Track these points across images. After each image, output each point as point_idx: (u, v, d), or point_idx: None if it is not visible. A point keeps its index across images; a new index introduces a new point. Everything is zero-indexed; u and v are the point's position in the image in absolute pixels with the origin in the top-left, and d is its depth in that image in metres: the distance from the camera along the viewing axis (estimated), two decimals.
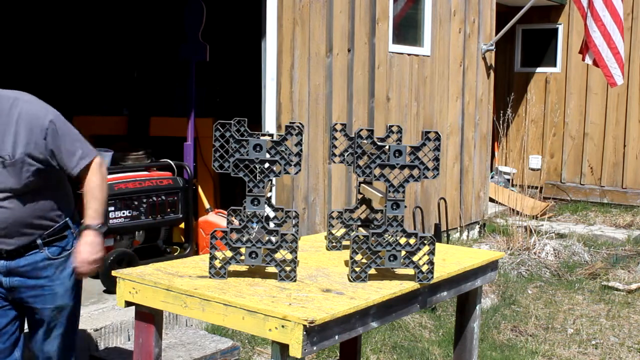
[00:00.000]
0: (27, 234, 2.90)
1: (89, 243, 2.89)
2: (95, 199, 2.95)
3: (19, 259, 2.92)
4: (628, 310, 5.81)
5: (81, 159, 2.95)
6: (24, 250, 2.91)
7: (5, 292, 2.98)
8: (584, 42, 7.74)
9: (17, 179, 2.81)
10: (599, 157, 10.48)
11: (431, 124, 7.35)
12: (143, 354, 2.53)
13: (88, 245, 2.89)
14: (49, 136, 2.86)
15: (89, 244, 2.89)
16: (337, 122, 3.72)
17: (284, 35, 5.56)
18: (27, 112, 2.84)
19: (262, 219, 2.43)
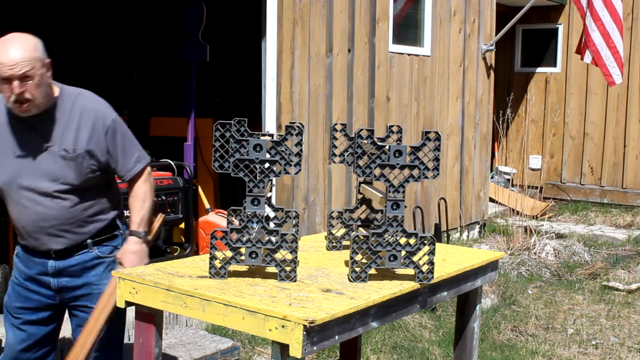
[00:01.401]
0: (78, 233, 2.92)
1: (134, 252, 2.93)
2: (143, 206, 2.99)
3: (69, 259, 2.94)
4: (628, 310, 5.81)
5: (137, 162, 2.98)
6: (73, 251, 2.93)
7: (53, 294, 2.99)
8: (583, 42, 7.74)
9: (76, 174, 2.84)
10: (599, 157, 10.48)
11: (431, 124, 7.35)
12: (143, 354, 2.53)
13: (134, 253, 2.93)
14: (109, 134, 2.90)
15: (134, 252, 2.93)
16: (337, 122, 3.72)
17: (284, 35, 5.56)
18: (90, 109, 2.89)
19: (262, 219, 2.43)
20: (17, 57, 2.65)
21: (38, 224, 2.86)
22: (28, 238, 2.92)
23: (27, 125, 2.80)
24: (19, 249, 3.02)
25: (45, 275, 2.95)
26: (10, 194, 2.86)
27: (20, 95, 2.66)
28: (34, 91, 2.69)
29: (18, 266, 3.03)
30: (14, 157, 2.82)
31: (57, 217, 2.85)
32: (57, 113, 2.82)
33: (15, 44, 2.70)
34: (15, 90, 2.65)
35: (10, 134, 2.82)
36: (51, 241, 2.89)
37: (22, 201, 2.85)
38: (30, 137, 2.81)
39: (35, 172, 2.81)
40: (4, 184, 2.85)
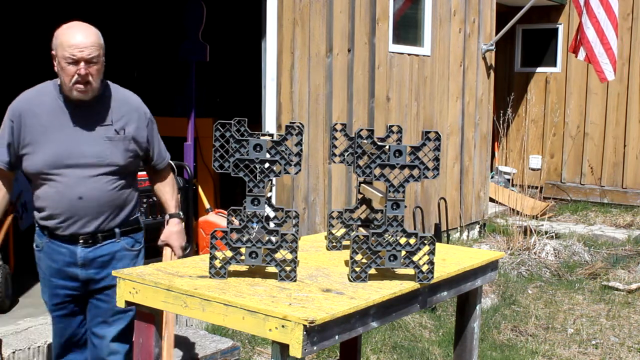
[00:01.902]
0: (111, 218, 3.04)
1: (179, 231, 3.24)
2: (174, 191, 3.29)
3: (98, 249, 3.04)
4: (628, 310, 5.81)
5: (166, 153, 3.26)
6: (102, 238, 3.04)
7: (80, 285, 3.07)
8: (577, 39, 7.78)
9: (121, 156, 3.00)
10: (599, 157, 10.48)
11: (431, 124, 7.35)
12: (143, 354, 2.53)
13: (179, 233, 3.23)
14: (149, 125, 3.14)
15: (179, 232, 3.24)
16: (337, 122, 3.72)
17: (284, 35, 5.56)
18: (133, 99, 3.13)
19: (262, 219, 2.43)
20: (88, 42, 2.84)
21: (77, 204, 2.95)
22: (61, 222, 2.98)
23: (76, 109, 2.96)
24: (43, 242, 3.06)
25: (73, 267, 3.03)
26: (51, 176, 2.95)
27: (85, 77, 2.84)
28: (95, 76, 2.89)
29: (43, 261, 3.09)
30: (60, 140, 2.93)
31: (97, 198, 2.97)
32: (104, 100, 3.01)
33: (85, 30, 2.89)
34: (81, 72, 2.82)
35: (58, 118, 2.95)
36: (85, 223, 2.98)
37: (65, 181, 2.94)
38: (78, 120, 2.95)
39: (82, 153, 2.94)
40: (48, 164, 2.94)
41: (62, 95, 2.96)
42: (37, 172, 2.97)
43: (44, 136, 2.94)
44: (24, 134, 2.96)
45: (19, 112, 2.98)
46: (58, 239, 3.01)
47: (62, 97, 2.96)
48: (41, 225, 3.06)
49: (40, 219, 3.05)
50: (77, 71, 2.83)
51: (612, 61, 7.64)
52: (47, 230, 3.03)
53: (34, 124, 2.95)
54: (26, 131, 2.96)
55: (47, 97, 2.99)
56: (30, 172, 3.00)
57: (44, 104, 2.97)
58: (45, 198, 2.99)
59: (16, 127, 2.97)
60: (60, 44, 2.85)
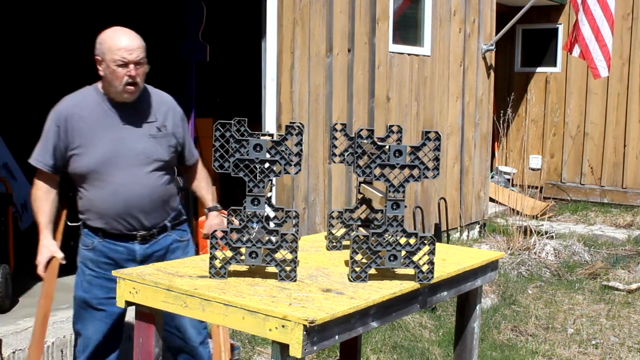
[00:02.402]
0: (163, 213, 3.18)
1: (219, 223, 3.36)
2: (209, 184, 3.43)
3: (154, 244, 3.16)
4: (628, 310, 5.81)
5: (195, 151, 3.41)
6: (157, 233, 3.18)
7: None
8: (573, 36, 7.80)
9: (166, 151, 3.15)
10: (599, 157, 10.48)
11: (431, 124, 7.35)
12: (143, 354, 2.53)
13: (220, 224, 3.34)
14: (182, 123, 3.30)
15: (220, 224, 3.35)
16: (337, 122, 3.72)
17: (284, 35, 5.56)
18: (168, 99, 3.27)
19: (262, 219, 2.43)
20: (134, 44, 2.99)
21: (131, 202, 3.07)
22: (116, 221, 3.09)
23: (119, 110, 3.08)
24: (95, 242, 3.16)
25: (131, 263, 3.12)
26: (104, 176, 3.06)
27: (134, 78, 2.99)
28: (141, 77, 3.04)
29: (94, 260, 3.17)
30: (107, 140, 3.05)
31: (149, 194, 3.10)
32: (143, 100, 3.14)
33: (130, 34, 3.04)
34: (131, 73, 2.97)
35: (103, 119, 3.07)
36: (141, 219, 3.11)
37: (117, 180, 3.05)
38: (123, 120, 3.08)
39: (130, 152, 3.06)
40: (99, 165, 3.05)
41: (106, 97, 3.08)
42: (88, 172, 3.07)
43: (92, 137, 3.05)
44: (72, 137, 3.05)
45: (65, 116, 3.07)
46: (113, 237, 3.13)
47: (106, 99, 3.08)
48: (92, 227, 3.15)
49: (91, 220, 3.14)
50: (127, 73, 2.97)
51: (606, 58, 7.67)
52: (101, 231, 3.13)
53: (81, 127, 3.05)
54: (74, 134, 3.05)
55: (90, 101, 3.09)
56: (80, 172, 3.08)
57: (88, 107, 3.08)
58: (98, 199, 3.09)
59: (62, 131, 3.06)
60: (108, 49, 2.97)
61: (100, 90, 3.10)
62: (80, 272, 3.22)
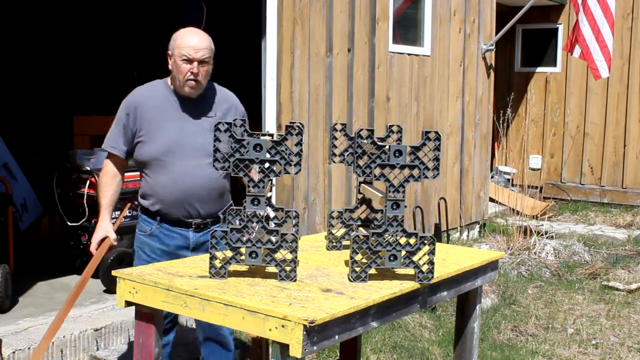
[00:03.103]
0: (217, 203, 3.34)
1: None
2: None
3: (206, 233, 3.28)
4: (628, 310, 5.81)
5: None
6: (210, 223, 3.34)
7: None
8: (573, 37, 7.79)
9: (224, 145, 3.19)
10: (599, 157, 10.48)
11: (431, 124, 7.35)
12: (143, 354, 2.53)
13: None
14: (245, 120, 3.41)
15: None
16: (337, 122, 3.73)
17: (284, 35, 5.56)
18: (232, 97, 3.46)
19: (262, 219, 2.43)
20: (202, 44, 3.22)
21: (189, 190, 3.25)
22: (174, 207, 3.27)
23: (185, 103, 3.29)
24: (152, 227, 3.33)
25: (184, 250, 3.31)
26: (166, 163, 3.25)
27: (196, 75, 3.20)
28: (204, 75, 3.24)
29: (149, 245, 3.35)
30: (171, 130, 3.25)
31: (206, 184, 3.26)
32: (208, 96, 3.35)
33: (200, 34, 3.27)
34: (194, 70, 3.19)
35: (169, 110, 3.27)
36: (197, 208, 3.28)
37: (177, 169, 3.24)
38: (187, 113, 3.28)
39: (190, 143, 3.24)
40: (163, 153, 3.24)
41: (173, 90, 3.30)
42: (151, 159, 3.26)
43: (157, 127, 3.25)
44: (140, 125, 3.28)
45: (135, 105, 3.30)
46: (170, 223, 3.30)
47: (173, 93, 3.30)
48: (151, 211, 3.33)
49: (151, 205, 3.32)
50: (190, 69, 3.19)
51: (606, 59, 7.66)
52: (159, 216, 3.31)
53: (148, 116, 3.26)
54: (142, 122, 3.27)
55: (159, 93, 3.32)
56: (144, 159, 3.29)
57: (157, 98, 3.30)
58: (158, 185, 3.28)
59: (132, 119, 3.29)
60: (177, 45, 3.23)
61: (169, 84, 3.33)
62: (137, 257, 3.41)
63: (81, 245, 5.43)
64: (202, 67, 3.21)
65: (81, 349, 4.21)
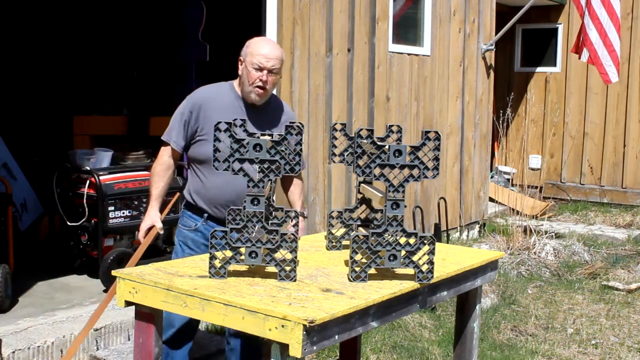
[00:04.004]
0: None
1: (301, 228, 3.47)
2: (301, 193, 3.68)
3: None
4: (628, 310, 5.81)
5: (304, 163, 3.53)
6: None
7: None
8: (580, 40, 7.75)
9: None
10: (599, 157, 10.48)
11: (431, 124, 7.35)
12: (143, 354, 2.53)
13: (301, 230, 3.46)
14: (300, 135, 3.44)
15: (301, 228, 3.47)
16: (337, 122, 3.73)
17: (284, 35, 5.56)
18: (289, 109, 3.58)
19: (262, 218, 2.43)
20: (275, 54, 3.30)
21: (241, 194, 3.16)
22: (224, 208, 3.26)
23: (249, 110, 3.35)
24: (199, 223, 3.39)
25: None
26: None
27: (265, 83, 3.27)
28: (271, 84, 3.32)
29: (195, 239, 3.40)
30: None
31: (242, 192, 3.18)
32: (270, 106, 3.44)
33: (273, 44, 3.41)
34: (263, 78, 3.27)
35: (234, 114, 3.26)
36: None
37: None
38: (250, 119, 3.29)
39: None
40: None
41: (239, 95, 3.37)
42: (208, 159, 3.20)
43: None
44: (202, 124, 3.33)
45: (199, 104, 3.36)
46: (216, 222, 3.34)
47: (239, 97, 3.37)
48: (199, 208, 3.38)
49: (200, 202, 3.38)
50: (259, 77, 3.26)
51: (615, 63, 7.62)
52: (207, 214, 3.37)
53: (211, 116, 3.28)
54: (205, 121, 3.31)
55: (225, 94, 3.39)
56: (202, 158, 3.33)
57: (222, 100, 3.36)
58: (213, 185, 3.33)
59: (194, 117, 3.35)
60: (250, 52, 3.31)
61: (235, 88, 3.40)
62: (177, 251, 3.47)
63: (81, 245, 5.43)
64: (271, 76, 3.28)
65: (81, 349, 4.21)
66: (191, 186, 3.43)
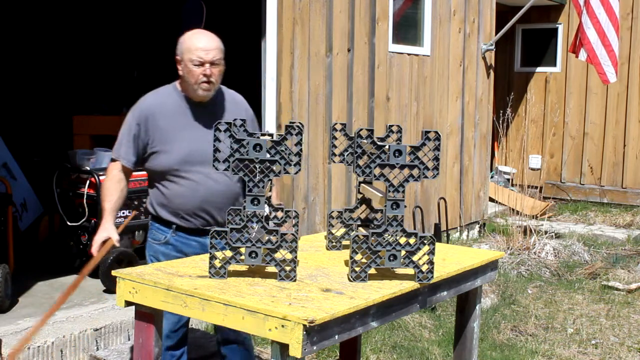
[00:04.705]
0: None
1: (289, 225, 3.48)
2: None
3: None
4: (628, 310, 5.81)
5: None
6: None
7: None
8: (578, 39, 7.74)
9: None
10: (599, 157, 10.48)
11: (431, 124, 7.35)
12: (143, 354, 2.53)
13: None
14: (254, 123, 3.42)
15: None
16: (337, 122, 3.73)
17: (284, 35, 5.56)
18: (241, 100, 3.42)
19: (262, 218, 2.43)
20: (213, 45, 3.15)
21: (207, 199, 3.19)
22: (191, 217, 3.20)
23: (198, 109, 3.22)
24: (168, 235, 3.26)
25: None
26: (183, 172, 3.18)
27: (209, 76, 3.12)
28: (217, 77, 3.17)
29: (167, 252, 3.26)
30: (186, 138, 3.17)
31: (223, 191, 3.21)
32: (219, 100, 3.29)
33: (208, 35, 3.20)
34: (207, 72, 3.12)
35: (183, 118, 3.20)
36: (214, 216, 3.22)
37: (194, 178, 3.18)
38: (201, 119, 3.20)
39: (206, 150, 3.05)
40: (179, 163, 3.17)
41: (184, 96, 3.23)
42: (168, 170, 3.18)
43: (172, 136, 3.17)
44: (153, 135, 3.18)
45: (146, 115, 3.20)
46: (186, 232, 3.23)
47: (184, 99, 3.23)
48: (166, 220, 3.25)
49: (167, 214, 3.24)
50: (202, 72, 3.12)
51: (613, 63, 7.61)
52: (175, 225, 3.24)
53: (161, 126, 3.17)
54: (155, 133, 3.18)
55: (169, 99, 3.24)
56: (160, 169, 3.20)
57: (169, 106, 3.22)
58: (176, 195, 3.20)
59: (143, 130, 3.19)
60: (187, 49, 3.16)
61: (179, 89, 3.26)
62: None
63: (81, 245, 5.43)
64: (215, 68, 3.15)
65: (81, 349, 4.21)
66: (154, 200, 3.29)
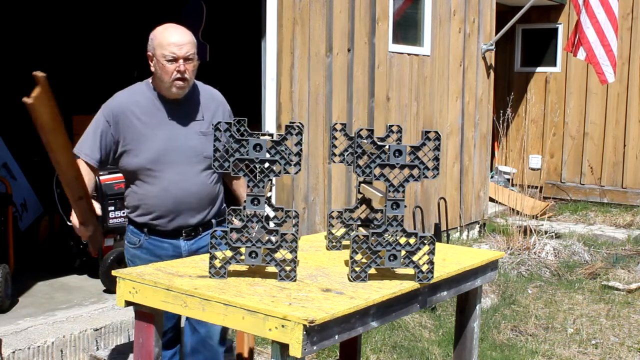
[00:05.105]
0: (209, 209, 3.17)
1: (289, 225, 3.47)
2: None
3: (199, 240, 3.15)
4: (628, 310, 5.81)
5: None
6: (202, 230, 3.16)
7: None
8: (576, 38, 7.74)
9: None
10: (599, 157, 10.48)
11: (431, 124, 7.35)
12: (143, 354, 2.53)
13: None
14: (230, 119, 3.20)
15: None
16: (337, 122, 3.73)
17: (284, 35, 5.56)
18: (217, 95, 3.28)
19: (262, 218, 2.43)
20: (185, 40, 3.01)
21: (181, 199, 3.07)
22: (164, 218, 3.09)
23: (171, 107, 3.09)
24: (141, 238, 3.15)
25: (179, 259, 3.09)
26: (154, 172, 3.06)
27: (183, 73, 2.99)
28: (191, 73, 3.04)
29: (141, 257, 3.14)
30: (160, 137, 3.05)
31: (198, 192, 3.10)
32: (194, 97, 3.15)
33: (180, 30, 3.06)
34: (180, 68, 2.98)
35: (155, 116, 3.07)
36: (188, 217, 3.11)
37: (168, 176, 3.06)
38: (174, 117, 3.08)
39: (181, 149, 3.05)
40: (151, 161, 3.04)
41: (157, 94, 3.10)
42: (139, 169, 3.06)
43: (144, 135, 3.04)
44: (123, 134, 3.05)
45: (116, 113, 3.07)
46: (159, 234, 3.12)
47: (157, 96, 3.09)
48: (138, 223, 3.14)
49: (138, 216, 3.13)
50: (176, 68, 2.99)
51: (612, 63, 7.61)
52: (147, 227, 3.13)
53: (132, 123, 3.05)
54: (125, 130, 3.05)
55: (142, 97, 3.10)
56: (132, 169, 3.08)
57: (140, 103, 3.08)
58: (148, 196, 3.09)
59: (113, 127, 3.06)
60: (159, 44, 3.01)
61: (152, 86, 3.14)
62: None
63: (81, 245, 5.44)
64: (188, 64, 3.01)
65: (81, 349, 4.21)
66: (129, 201, 3.17)
